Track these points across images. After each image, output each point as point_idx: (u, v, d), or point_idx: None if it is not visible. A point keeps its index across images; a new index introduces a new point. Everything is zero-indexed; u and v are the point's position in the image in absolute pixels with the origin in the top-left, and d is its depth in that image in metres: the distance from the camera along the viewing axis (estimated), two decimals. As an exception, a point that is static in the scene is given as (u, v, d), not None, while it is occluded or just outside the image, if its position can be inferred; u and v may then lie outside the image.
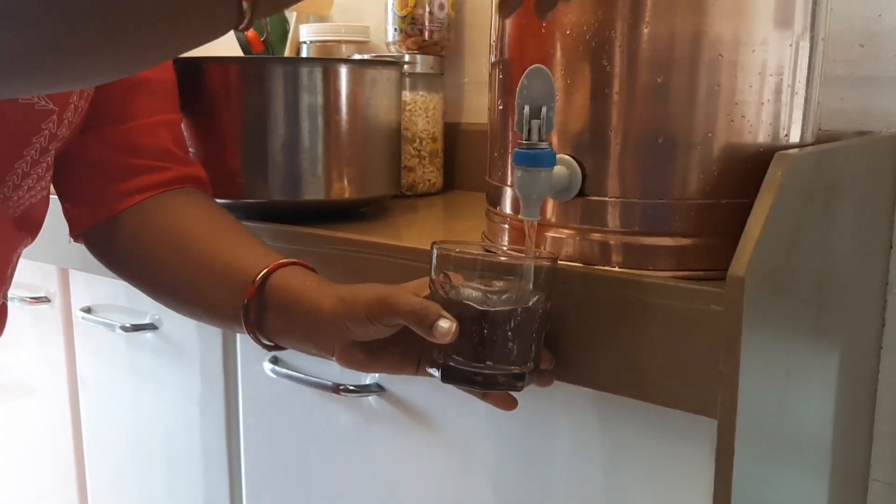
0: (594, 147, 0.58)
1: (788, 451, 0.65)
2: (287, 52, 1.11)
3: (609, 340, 0.58)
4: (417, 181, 1.03)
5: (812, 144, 0.63)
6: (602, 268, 0.59)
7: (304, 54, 1.06)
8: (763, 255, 0.51)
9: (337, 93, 0.81)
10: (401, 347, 0.60)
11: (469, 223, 0.82)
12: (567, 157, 0.59)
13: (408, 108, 1.00)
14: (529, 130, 0.54)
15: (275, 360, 0.84)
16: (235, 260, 0.65)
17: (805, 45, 0.60)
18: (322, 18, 1.15)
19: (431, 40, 1.04)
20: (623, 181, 0.58)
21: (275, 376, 0.84)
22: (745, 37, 0.57)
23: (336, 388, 0.78)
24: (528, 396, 0.58)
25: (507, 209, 0.65)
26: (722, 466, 0.52)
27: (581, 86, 0.58)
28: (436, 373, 0.57)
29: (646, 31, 0.56)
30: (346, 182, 0.84)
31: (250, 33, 1.12)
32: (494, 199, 0.68)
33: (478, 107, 1.09)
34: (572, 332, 0.59)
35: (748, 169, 0.57)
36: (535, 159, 0.55)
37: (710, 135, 0.57)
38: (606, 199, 0.59)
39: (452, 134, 1.09)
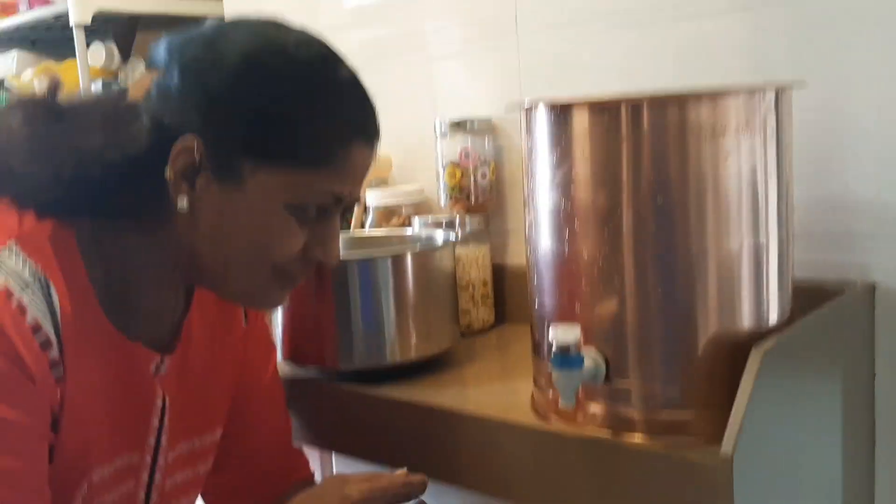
0: (616, 343, 0.76)
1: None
2: (355, 215, 1.30)
3: (631, 498, 0.74)
4: (473, 321, 1.21)
5: (788, 320, 0.79)
6: (627, 436, 0.76)
7: (368, 219, 1.26)
8: (746, 437, 0.67)
9: (404, 275, 1.00)
10: None
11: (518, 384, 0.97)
12: (593, 350, 0.76)
13: (461, 261, 1.18)
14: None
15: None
16: None
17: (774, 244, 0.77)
18: (383, 180, 1.35)
19: (478, 203, 1.22)
20: (639, 370, 0.75)
21: None
22: (725, 251, 0.74)
23: None
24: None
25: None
26: None
27: (603, 299, 0.75)
28: None
29: (650, 258, 0.73)
30: (413, 341, 1.02)
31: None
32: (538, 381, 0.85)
33: (520, 249, 1.27)
34: (602, 489, 0.76)
35: (735, 356, 0.73)
36: (568, 363, 0.72)
37: (701, 333, 0.74)
38: (628, 382, 0.76)
39: (500, 272, 1.26)
